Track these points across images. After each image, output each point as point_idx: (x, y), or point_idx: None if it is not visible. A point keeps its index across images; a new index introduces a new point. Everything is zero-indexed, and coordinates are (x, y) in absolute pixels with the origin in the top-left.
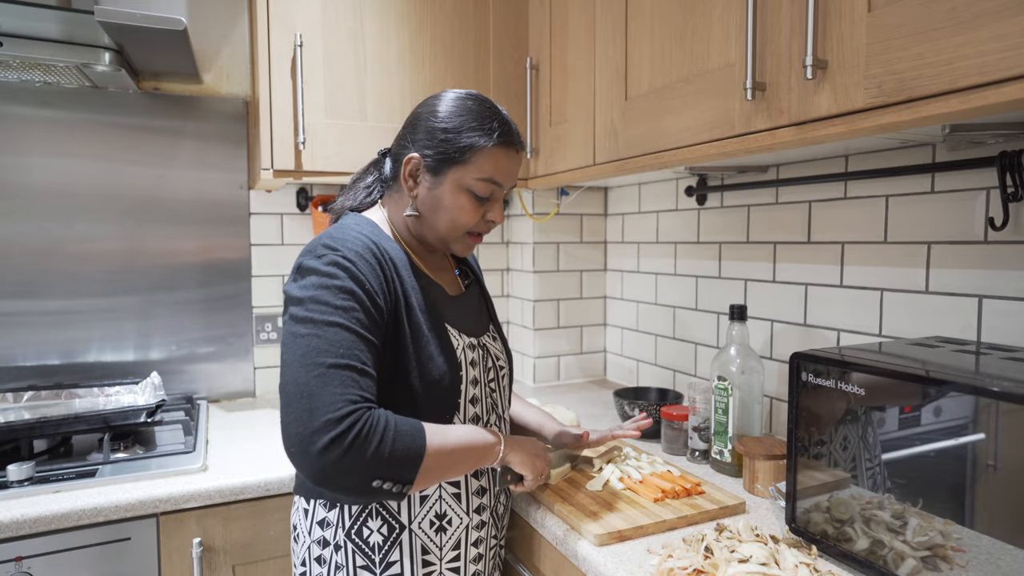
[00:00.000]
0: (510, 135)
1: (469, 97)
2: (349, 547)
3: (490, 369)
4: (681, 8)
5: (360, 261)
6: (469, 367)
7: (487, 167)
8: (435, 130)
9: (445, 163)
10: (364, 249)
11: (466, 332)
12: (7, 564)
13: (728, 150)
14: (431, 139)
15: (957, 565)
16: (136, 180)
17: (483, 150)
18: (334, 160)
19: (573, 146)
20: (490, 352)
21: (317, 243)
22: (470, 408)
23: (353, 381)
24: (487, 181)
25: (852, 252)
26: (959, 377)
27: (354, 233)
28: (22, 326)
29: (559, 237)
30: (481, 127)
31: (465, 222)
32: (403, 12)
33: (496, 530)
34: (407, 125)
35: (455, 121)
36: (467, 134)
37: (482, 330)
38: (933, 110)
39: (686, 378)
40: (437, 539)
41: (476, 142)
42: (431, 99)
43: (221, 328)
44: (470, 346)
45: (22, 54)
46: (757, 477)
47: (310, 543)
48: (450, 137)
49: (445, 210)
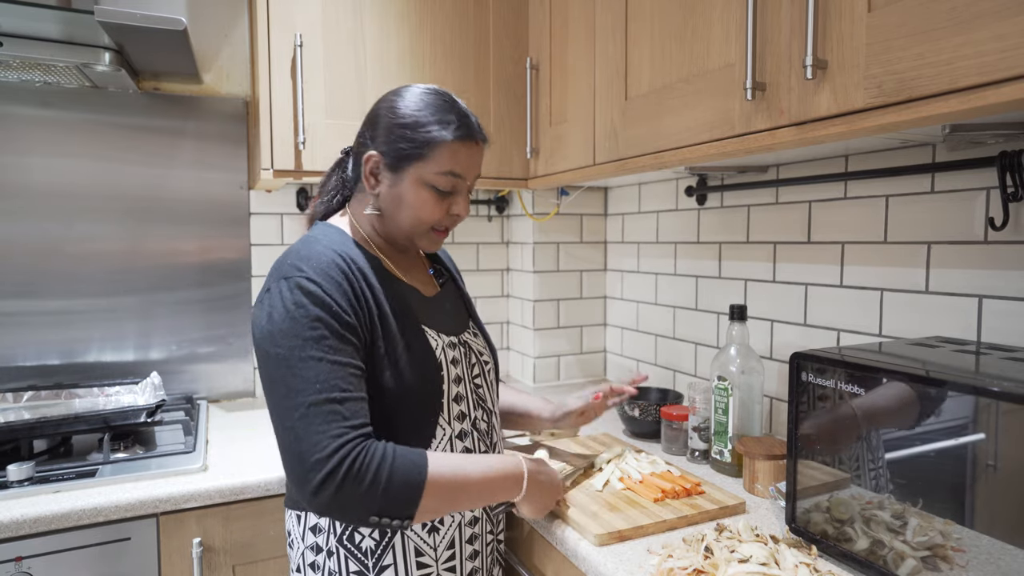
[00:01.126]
0: (468, 127)
1: (428, 92)
2: (342, 553)
3: (474, 365)
4: (681, 8)
5: (326, 280)
6: (451, 366)
7: (446, 161)
8: (392, 126)
9: (404, 159)
10: (330, 265)
11: (444, 331)
12: (7, 564)
13: (728, 150)
14: (389, 135)
15: (957, 565)
16: (136, 180)
17: (442, 144)
18: (334, 160)
19: (573, 146)
20: (472, 348)
21: (284, 262)
22: (454, 406)
23: (335, 414)
24: (448, 175)
25: (852, 252)
26: (959, 377)
27: (320, 247)
28: (22, 326)
29: (559, 237)
30: (438, 121)
31: (428, 218)
32: (403, 12)
33: (492, 525)
34: (366, 122)
35: (412, 116)
36: (424, 128)
37: (461, 327)
38: (933, 110)
39: (686, 378)
40: (430, 540)
41: (434, 136)
42: (390, 95)
43: (221, 328)
44: (450, 345)
45: (22, 54)
46: (757, 477)
47: (304, 549)
48: (407, 133)
49: (407, 207)
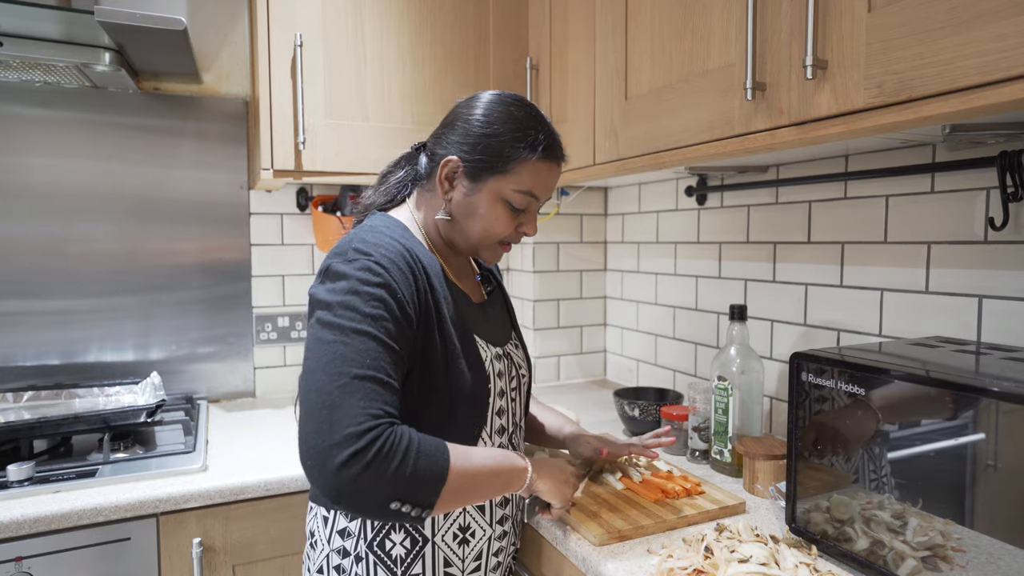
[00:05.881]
0: (554, 148)
1: (514, 103)
2: (371, 559)
3: (513, 379)
4: (681, 8)
5: (393, 268)
6: (496, 379)
7: (527, 180)
8: (477, 135)
9: (485, 171)
10: (397, 255)
11: (492, 342)
12: (7, 564)
13: (728, 150)
14: (473, 144)
15: (957, 565)
16: (136, 180)
17: (526, 162)
18: (334, 160)
19: (573, 146)
20: (513, 361)
21: (347, 245)
22: (496, 420)
23: (377, 394)
24: (526, 194)
25: (852, 252)
26: (959, 377)
27: (387, 238)
28: (22, 326)
29: (559, 237)
30: (525, 138)
31: (499, 232)
32: (403, 12)
33: (515, 537)
34: (445, 123)
35: (499, 128)
36: (511, 144)
37: (506, 338)
38: (933, 110)
39: (686, 378)
40: (460, 551)
41: (520, 153)
42: (472, 99)
43: (221, 328)
44: (496, 356)
45: (22, 54)
46: (757, 477)
47: (329, 551)
48: (492, 144)
49: (480, 218)
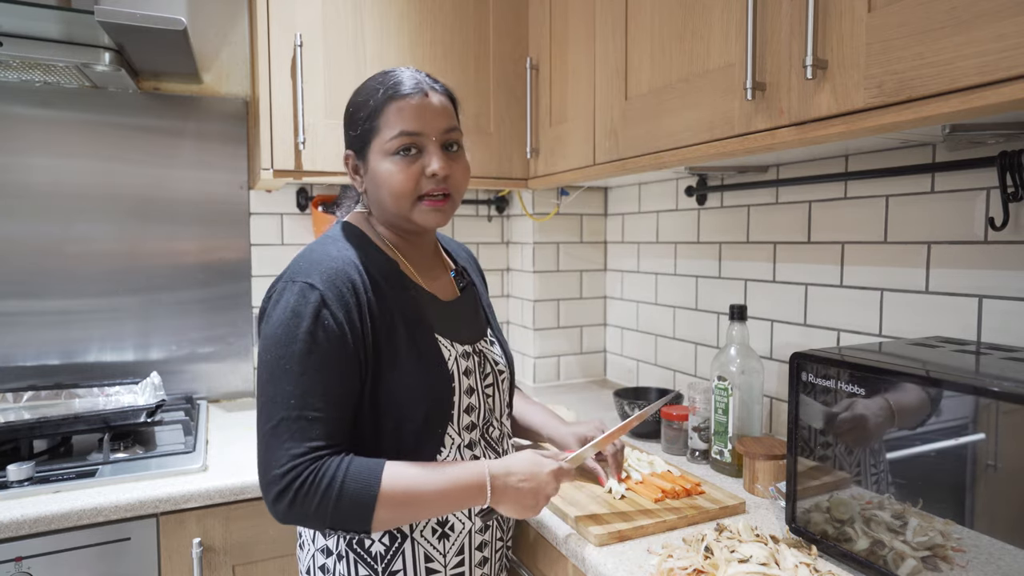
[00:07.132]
0: (399, 85)
1: (370, 77)
2: (351, 557)
3: (487, 375)
4: (681, 8)
5: (331, 290)
6: (463, 377)
7: (394, 123)
8: (348, 120)
9: (364, 142)
10: (339, 274)
11: (459, 340)
12: (7, 564)
13: (728, 150)
14: (348, 129)
15: (957, 565)
16: (136, 180)
17: (384, 110)
18: (334, 160)
19: (573, 146)
20: (488, 358)
21: (299, 262)
22: (465, 417)
23: (302, 433)
24: (400, 136)
25: (852, 252)
26: (959, 377)
27: (335, 251)
28: (22, 326)
29: (559, 237)
30: (375, 93)
31: (402, 187)
32: (403, 12)
33: (502, 532)
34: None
35: (356, 99)
36: (365, 106)
37: (478, 335)
38: (933, 110)
39: (686, 378)
40: (440, 546)
41: (375, 107)
42: None
43: (221, 328)
44: (464, 355)
45: (22, 54)
46: (757, 477)
47: (314, 551)
48: (358, 116)
49: (382, 184)
